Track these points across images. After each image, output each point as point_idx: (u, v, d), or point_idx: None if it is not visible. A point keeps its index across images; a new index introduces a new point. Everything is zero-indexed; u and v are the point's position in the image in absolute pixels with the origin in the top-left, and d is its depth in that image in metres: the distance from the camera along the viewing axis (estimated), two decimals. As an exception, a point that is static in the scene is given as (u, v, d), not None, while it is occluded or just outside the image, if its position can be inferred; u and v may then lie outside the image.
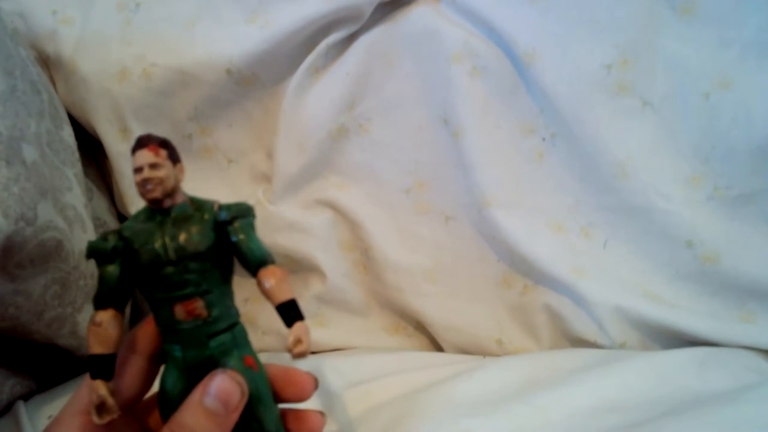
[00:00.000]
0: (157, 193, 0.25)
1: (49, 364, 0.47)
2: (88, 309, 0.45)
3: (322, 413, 0.29)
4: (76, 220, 0.43)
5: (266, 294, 0.26)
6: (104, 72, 0.53)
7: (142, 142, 0.26)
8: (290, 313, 0.25)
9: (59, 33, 0.53)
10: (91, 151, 0.58)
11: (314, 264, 0.54)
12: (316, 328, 0.54)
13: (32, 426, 0.39)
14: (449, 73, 0.52)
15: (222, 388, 0.25)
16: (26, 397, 0.44)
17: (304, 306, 0.26)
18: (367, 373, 0.42)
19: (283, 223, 0.54)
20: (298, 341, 0.24)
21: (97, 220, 0.54)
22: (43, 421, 0.40)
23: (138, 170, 0.25)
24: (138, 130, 0.54)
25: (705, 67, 0.49)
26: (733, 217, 0.48)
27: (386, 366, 0.44)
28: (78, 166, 0.48)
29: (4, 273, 0.36)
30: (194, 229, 0.26)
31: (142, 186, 0.25)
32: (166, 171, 0.25)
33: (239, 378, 0.25)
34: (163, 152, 0.26)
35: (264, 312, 0.56)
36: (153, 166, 0.25)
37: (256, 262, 0.26)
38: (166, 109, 0.54)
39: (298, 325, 0.25)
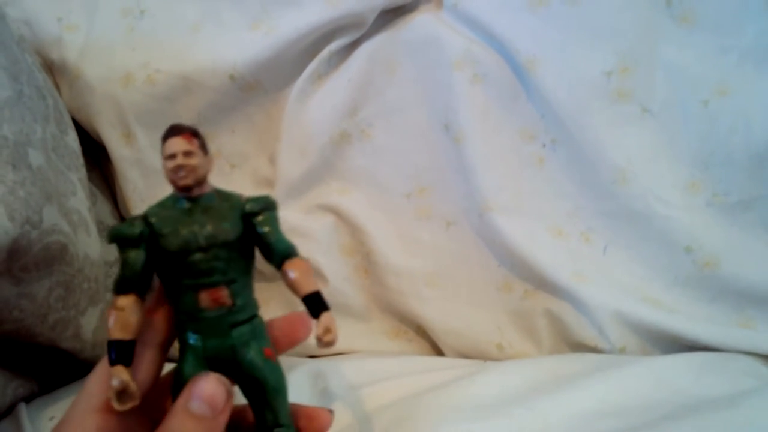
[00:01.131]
0: (189, 180, 0.26)
1: (51, 367, 0.47)
2: (92, 312, 0.45)
3: (331, 411, 0.29)
4: (80, 224, 0.43)
5: (291, 285, 0.26)
6: (108, 78, 0.53)
7: (175, 130, 0.26)
8: (316, 304, 0.26)
9: (64, 39, 0.54)
10: (95, 155, 0.58)
11: (315, 268, 0.54)
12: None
13: (33, 428, 0.39)
14: (450, 79, 0.52)
15: (207, 390, 0.24)
16: (28, 399, 0.44)
17: (303, 310, 0.26)
18: (369, 377, 0.43)
19: (284, 228, 0.54)
20: (328, 330, 0.25)
21: (100, 224, 0.54)
22: (45, 423, 0.40)
23: (171, 157, 0.25)
24: (142, 136, 0.54)
25: (704, 74, 0.49)
26: (732, 223, 0.48)
27: (387, 369, 0.45)
28: (82, 171, 0.48)
29: (9, 276, 0.36)
30: (224, 219, 0.26)
31: (175, 173, 0.25)
32: (198, 159, 0.26)
33: (224, 380, 0.25)
34: (196, 141, 0.26)
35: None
36: (187, 153, 0.25)
37: (281, 254, 0.27)
38: (169, 115, 0.54)
39: (325, 315, 0.25)
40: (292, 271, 0.26)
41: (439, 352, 0.54)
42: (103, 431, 0.25)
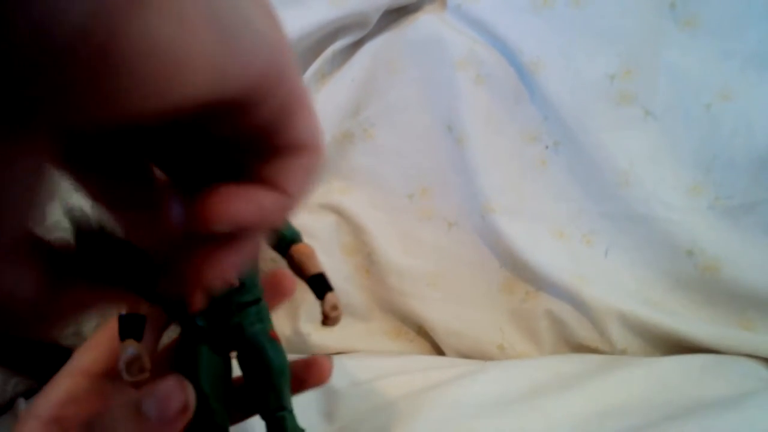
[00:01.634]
0: None
1: (50, 364, 0.47)
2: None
3: (329, 357, 0.29)
4: (82, 220, 0.43)
5: (297, 268, 0.28)
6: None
7: None
8: (321, 285, 0.27)
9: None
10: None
11: (317, 268, 0.54)
12: (317, 332, 0.55)
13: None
14: (454, 80, 0.52)
15: (165, 391, 0.22)
16: (27, 394, 0.44)
17: (305, 310, 0.26)
18: (371, 373, 0.43)
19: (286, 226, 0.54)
20: (334, 307, 0.26)
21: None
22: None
23: None
24: (144, 133, 0.54)
25: (706, 78, 0.49)
26: (734, 227, 0.48)
27: (390, 367, 0.45)
28: (85, 167, 0.48)
29: (11, 271, 0.36)
30: None
31: None
32: None
33: (190, 388, 0.23)
34: None
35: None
36: None
37: (288, 240, 0.28)
38: (172, 112, 0.54)
39: (330, 294, 0.27)
40: (298, 255, 0.27)
41: (440, 352, 0.54)
42: (73, 393, 0.25)
